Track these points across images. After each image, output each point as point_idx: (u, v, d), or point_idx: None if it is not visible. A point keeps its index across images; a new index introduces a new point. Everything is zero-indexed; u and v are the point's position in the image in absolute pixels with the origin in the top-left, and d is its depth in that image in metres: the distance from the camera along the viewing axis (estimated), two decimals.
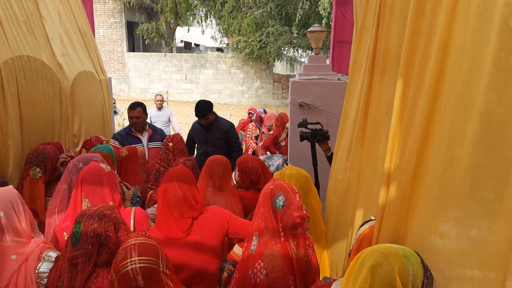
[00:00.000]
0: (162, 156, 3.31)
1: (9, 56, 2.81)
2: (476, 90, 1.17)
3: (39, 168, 2.55)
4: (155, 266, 1.49)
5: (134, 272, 1.44)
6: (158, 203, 2.19)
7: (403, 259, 1.24)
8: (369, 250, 1.30)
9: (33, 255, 1.83)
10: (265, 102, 18.32)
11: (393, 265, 1.21)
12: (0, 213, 1.78)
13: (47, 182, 2.63)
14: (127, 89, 19.15)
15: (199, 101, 4.54)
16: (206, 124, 4.48)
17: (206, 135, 4.56)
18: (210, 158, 2.78)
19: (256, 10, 16.31)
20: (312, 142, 3.30)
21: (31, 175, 2.54)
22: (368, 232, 1.76)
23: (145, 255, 1.49)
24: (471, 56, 1.20)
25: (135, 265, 1.45)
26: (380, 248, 1.28)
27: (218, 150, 4.30)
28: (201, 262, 2.09)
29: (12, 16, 2.95)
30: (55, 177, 2.66)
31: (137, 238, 1.56)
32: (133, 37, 21.49)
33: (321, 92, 4.03)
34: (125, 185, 2.65)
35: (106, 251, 1.72)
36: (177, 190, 2.11)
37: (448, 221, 1.31)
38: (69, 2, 4.09)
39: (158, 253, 1.54)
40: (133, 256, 1.47)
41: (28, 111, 3.03)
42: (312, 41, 4.32)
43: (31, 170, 2.54)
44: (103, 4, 18.73)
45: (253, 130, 7.26)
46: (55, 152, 2.65)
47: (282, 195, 1.92)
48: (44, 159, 2.56)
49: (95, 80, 4.35)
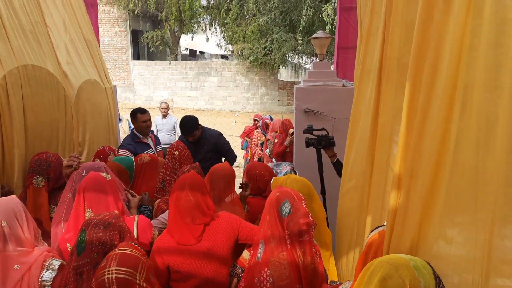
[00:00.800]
0: (168, 165, 3.29)
1: (15, 65, 2.82)
2: (483, 93, 1.16)
3: (42, 176, 2.55)
4: (131, 277, 1.50)
5: (109, 282, 1.47)
6: (170, 209, 2.20)
7: (414, 270, 1.21)
8: (378, 261, 1.27)
9: (36, 263, 1.83)
10: (270, 108, 18.34)
11: (403, 277, 1.18)
12: (3, 223, 1.77)
13: (50, 190, 2.62)
14: (132, 97, 19.26)
15: (183, 118, 4.44)
16: (193, 140, 4.40)
17: (195, 149, 4.44)
18: (213, 168, 2.75)
19: (260, 17, 16.38)
20: (318, 149, 3.28)
21: (34, 184, 2.54)
22: (377, 237, 1.74)
23: (123, 265, 1.51)
24: (485, 60, 1.18)
25: (112, 274, 1.48)
26: (390, 259, 1.25)
27: (208, 161, 4.21)
28: (212, 269, 2.10)
29: (18, 26, 2.97)
30: (59, 185, 2.65)
31: (123, 248, 1.59)
32: (138, 45, 21.65)
33: (326, 98, 4.03)
34: (130, 193, 2.64)
35: None
36: (189, 197, 2.13)
37: (455, 226, 1.29)
38: (74, 11, 4.12)
39: (138, 265, 1.55)
40: (111, 266, 1.50)
41: (33, 120, 3.04)
42: (316, 47, 4.32)
43: (34, 178, 2.54)
44: (108, 13, 18.91)
45: (258, 137, 7.24)
46: (58, 160, 2.64)
47: (288, 202, 1.90)
48: (47, 168, 2.56)
49: (100, 88, 4.37)
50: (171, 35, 20.18)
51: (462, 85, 1.26)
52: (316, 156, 3.35)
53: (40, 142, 3.13)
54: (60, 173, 2.64)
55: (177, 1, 17.64)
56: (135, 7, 17.92)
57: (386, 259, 1.27)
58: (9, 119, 2.75)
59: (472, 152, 1.19)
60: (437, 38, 1.44)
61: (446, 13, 1.39)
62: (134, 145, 4.04)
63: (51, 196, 2.61)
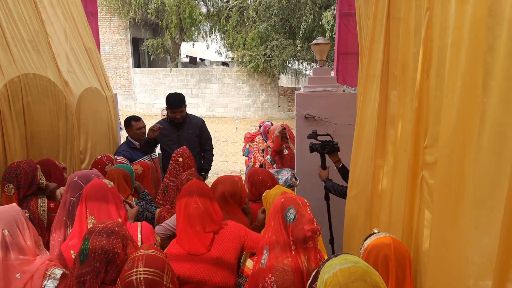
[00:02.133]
0: (172, 171, 3.30)
1: (15, 74, 2.83)
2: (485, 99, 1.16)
3: (12, 184, 2.55)
4: (158, 278, 1.53)
5: (138, 282, 1.49)
6: (179, 218, 2.20)
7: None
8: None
9: (38, 272, 1.82)
10: (271, 115, 18.36)
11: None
12: (5, 231, 1.76)
13: (22, 198, 2.62)
14: (133, 105, 19.29)
15: (170, 93, 4.29)
16: (180, 119, 4.23)
17: (178, 134, 4.28)
18: (223, 179, 2.70)
19: (260, 24, 16.45)
20: (322, 154, 3.28)
21: (6, 192, 2.55)
22: (372, 247, 1.71)
23: (151, 267, 1.54)
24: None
25: (140, 275, 1.51)
26: None
27: (192, 150, 3.83)
28: (221, 278, 2.11)
29: (18, 35, 2.98)
30: (31, 192, 2.65)
31: (146, 250, 1.62)
32: (139, 53, 21.73)
33: (326, 104, 4.03)
34: (129, 204, 2.64)
35: (114, 268, 1.70)
36: (198, 204, 2.14)
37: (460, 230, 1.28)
38: (75, 20, 4.14)
39: (164, 266, 1.58)
40: (139, 267, 1.52)
41: (34, 128, 3.04)
42: (316, 53, 4.32)
43: (5, 186, 2.56)
44: (109, 21, 19.00)
45: (260, 143, 7.23)
46: (30, 167, 2.63)
47: (293, 208, 1.90)
48: (16, 175, 2.56)
49: (101, 96, 4.38)
50: (171, 43, 20.26)
51: (474, 88, 1.25)
52: (318, 162, 3.35)
53: (41, 150, 3.13)
54: (32, 180, 2.63)
55: (177, 9, 17.72)
56: (135, 15, 18.00)
57: None
58: (11, 127, 2.76)
59: (489, 158, 1.17)
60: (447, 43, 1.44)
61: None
62: (130, 151, 4.04)
63: (23, 202, 2.61)
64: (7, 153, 2.74)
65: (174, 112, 4.22)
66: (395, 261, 1.63)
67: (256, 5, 15.84)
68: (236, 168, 9.89)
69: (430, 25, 1.59)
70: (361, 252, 1.80)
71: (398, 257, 1.64)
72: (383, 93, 2.15)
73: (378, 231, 1.79)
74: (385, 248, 1.66)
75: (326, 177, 3.23)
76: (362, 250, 1.79)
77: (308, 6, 14.32)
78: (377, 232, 1.79)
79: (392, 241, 1.68)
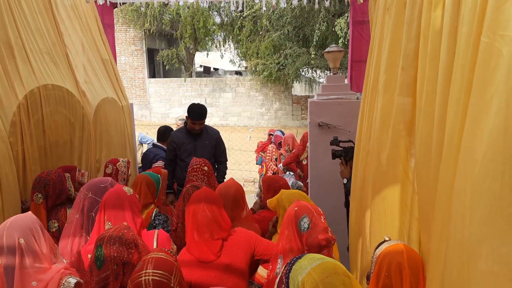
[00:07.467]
0: (198, 181, 3.31)
1: (35, 85, 2.90)
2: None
3: (40, 194, 2.60)
4: (166, 280, 1.58)
5: (146, 283, 1.55)
6: (187, 225, 2.20)
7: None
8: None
9: (53, 281, 1.84)
10: (285, 123, 18.35)
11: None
12: (20, 240, 1.79)
13: (51, 207, 2.66)
14: (149, 114, 19.50)
15: (194, 104, 4.30)
16: (198, 130, 4.25)
17: (195, 144, 4.27)
18: (218, 189, 2.69)
19: (273, 33, 16.52)
20: (346, 160, 3.26)
21: (34, 200, 2.60)
22: (385, 254, 1.68)
23: (159, 269, 1.59)
24: None
25: (149, 277, 1.56)
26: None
27: (211, 160, 3.91)
28: (232, 284, 2.11)
29: (36, 47, 3.06)
30: (60, 202, 2.70)
31: (157, 253, 1.68)
32: (154, 63, 22.00)
33: (340, 112, 4.01)
34: None
35: (131, 269, 1.76)
36: (206, 211, 2.14)
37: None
38: (92, 33, 4.23)
39: (172, 269, 1.63)
40: (148, 268, 1.58)
41: (52, 138, 3.10)
42: (330, 61, 4.32)
43: (34, 195, 2.60)
44: (125, 32, 19.31)
45: (273, 152, 7.24)
46: (59, 178, 2.67)
47: (307, 217, 1.89)
48: (45, 185, 2.61)
49: (117, 106, 4.44)
50: (186, 53, 20.47)
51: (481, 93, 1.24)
52: (332, 169, 3.33)
53: (58, 160, 3.19)
54: (61, 190, 2.66)
55: (192, 20, 17.93)
56: (150, 26, 18.26)
57: None
58: (30, 137, 2.82)
59: (490, 162, 1.16)
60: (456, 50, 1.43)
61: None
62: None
63: (52, 212, 2.66)
64: (26, 162, 2.80)
65: (194, 123, 4.22)
66: (408, 269, 1.60)
67: (270, 14, 15.92)
68: (250, 176, 9.90)
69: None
70: (373, 260, 1.78)
71: (412, 264, 1.61)
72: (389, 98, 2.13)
73: (389, 239, 1.76)
74: (398, 256, 1.63)
75: (348, 177, 3.17)
76: (374, 258, 1.77)
77: (322, 14, 14.33)
78: (388, 240, 1.76)
79: (405, 248, 1.65)
